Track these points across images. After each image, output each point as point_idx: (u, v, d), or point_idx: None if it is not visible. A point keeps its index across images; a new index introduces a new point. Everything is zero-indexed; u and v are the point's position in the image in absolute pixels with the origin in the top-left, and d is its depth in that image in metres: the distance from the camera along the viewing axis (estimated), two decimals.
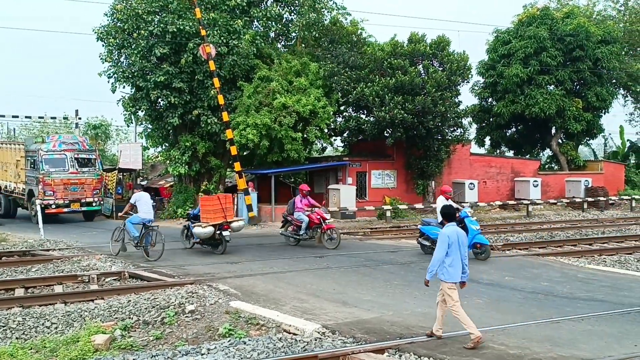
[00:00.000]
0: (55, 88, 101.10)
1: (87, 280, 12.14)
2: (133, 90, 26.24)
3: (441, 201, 14.26)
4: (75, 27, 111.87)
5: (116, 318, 9.26)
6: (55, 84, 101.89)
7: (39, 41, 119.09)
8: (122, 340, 8.30)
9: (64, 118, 47.03)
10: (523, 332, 8.12)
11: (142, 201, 15.07)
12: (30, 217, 24.74)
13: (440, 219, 12.56)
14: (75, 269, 13.47)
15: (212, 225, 15.25)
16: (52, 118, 47.68)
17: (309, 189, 18.10)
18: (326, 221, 16.79)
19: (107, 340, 8.13)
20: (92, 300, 10.45)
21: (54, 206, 23.89)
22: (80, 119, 43.95)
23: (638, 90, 33.76)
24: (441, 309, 7.85)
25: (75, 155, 24.71)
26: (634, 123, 39.54)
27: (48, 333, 8.74)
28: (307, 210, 16.86)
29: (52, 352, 7.92)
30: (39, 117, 46.82)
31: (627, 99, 38.48)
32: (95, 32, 25.41)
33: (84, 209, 24.91)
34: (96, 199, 25.02)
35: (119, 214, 20.58)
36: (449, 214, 8.20)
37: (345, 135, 29.59)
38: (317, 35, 27.76)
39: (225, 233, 15.37)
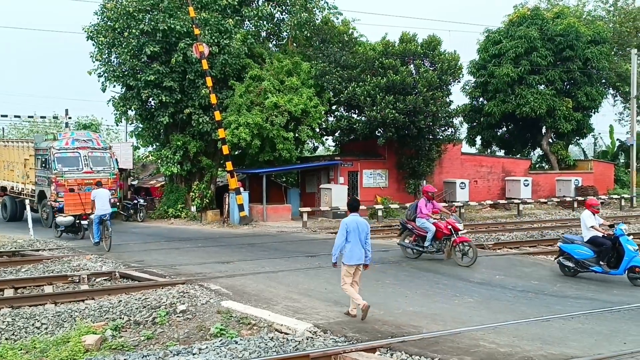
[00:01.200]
0: (45, 87, 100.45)
1: (77, 281, 12.08)
2: (123, 89, 26.10)
3: (587, 215, 12.33)
4: (65, 26, 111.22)
5: (107, 318, 9.21)
6: (44, 83, 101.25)
7: (29, 40, 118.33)
8: (112, 341, 8.26)
9: (54, 117, 46.70)
10: (514, 330, 8.16)
11: (99, 197, 16.69)
12: (41, 220, 23.03)
13: (587, 235, 11.97)
14: (65, 269, 13.39)
15: (72, 216, 19.10)
16: (41, 117, 47.31)
17: (435, 190, 15.44)
18: (459, 232, 13.68)
19: (97, 340, 8.08)
20: (83, 301, 10.39)
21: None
22: (70, 118, 43.68)
23: (627, 90, 33.99)
24: (354, 289, 9.04)
25: (89, 153, 22.96)
26: (623, 123, 39.87)
27: (38, 333, 8.69)
28: (434, 218, 14.02)
29: (42, 353, 7.87)
30: (29, 117, 46.43)
31: (616, 98, 38.80)
32: (85, 31, 25.26)
33: None
34: (112, 200, 22.35)
35: (54, 212, 21.02)
36: (352, 206, 9.65)
37: (336, 134, 29.62)
38: (308, 34, 27.77)
39: (83, 222, 18.75)
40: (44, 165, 22.77)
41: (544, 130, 34.57)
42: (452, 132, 28.04)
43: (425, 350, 7.27)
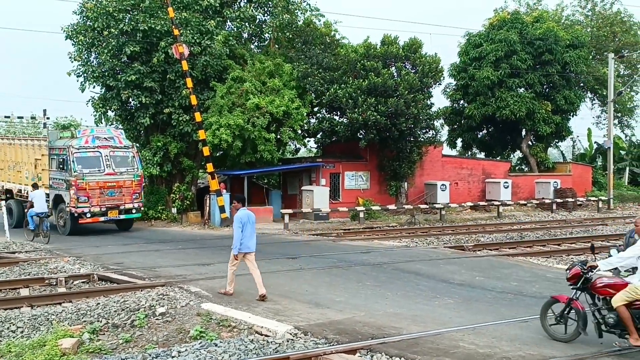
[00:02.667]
0: (22, 87, 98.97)
1: (54, 283, 11.90)
2: (103, 89, 25.80)
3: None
4: (43, 25, 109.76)
5: (84, 321, 9.08)
6: (22, 83, 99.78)
7: (4, 38, 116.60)
8: (90, 344, 8.14)
9: (32, 118, 46.08)
10: (493, 331, 8.22)
11: (37, 198, 18.60)
12: (57, 228, 20.83)
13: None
14: (42, 271, 13.19)
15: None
16: (19, 118, 46.68)
17: None
18: None
19: (74, 344, 7.96)
20: (60, 304, 10.24)
21: (89, 215, 19.83)
22: (48, 118, 43.11)
23: (604, 93, 34.54)
24: (232, 272, 10.61)
25: (111, 153, 20.74)
26: (600, 126, 40.54)
27: (13, 337, 8.54)
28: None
29: (18, 357, 7.73)
30: (5, 117, 45.77)
31: (594, 102, 39.40)
32: (64, 31, 24.93)
33: (122, 216, 20.83)
34: (136, 205, 21.08)
35: (25, 210, 20.31)
36: (242, 200, 11.10)
37: (318, 136, 29.64)
38: (290, 36, 27.75)
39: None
40: (61, 166, 20.33)
41: (523, 133, 34.97)
42: (433, 134, 28.24)
43: (405, 351, 7.29)
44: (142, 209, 22.15)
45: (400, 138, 26.38)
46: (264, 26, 27.80)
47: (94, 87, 25.64)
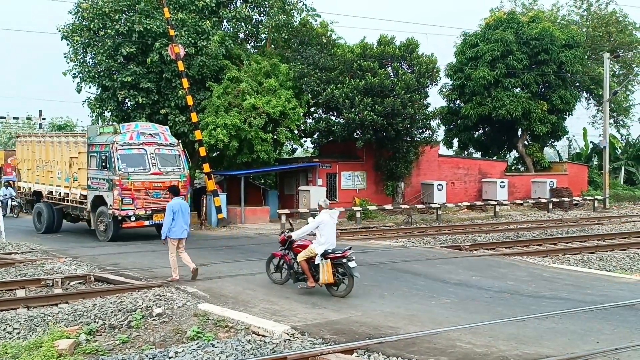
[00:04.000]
0: (18, 88, 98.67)
1: (51, 284, 11.86)
2: (99, 90, 25.75)
3: None
4: (38, 25, 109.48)
5: (81, 322, 9.07)
6: (17, 84, 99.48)
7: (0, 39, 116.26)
8: (87, 345, 8.13)
9: (27, 118, 45.97)
10: (490, 330, 8.24)
11: None
12: (96, 233, 19.16)
13: None
14: (38, 272, 13.16)
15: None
16: (14, 118, 46.56)
17: None
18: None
19: (71, 345, 7.95)
20: (56, 305, 10.20)
21: (133, 218, 18.12)
22: (44, 119, 43.03)
23: (600, 93, 34.63)
24: (183, 257, 11.88)
25: (156, 150, 19.12)
26: (596, 125, 40.60)
27: (10, 338, 8.52)
28: None
29: (15, 358, 7.72)
30: (1, 117, 45.63)
31: (589, 102, 39.49)
32: (60, 31, 24.87)
33: None
34: None
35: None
36: (174, 191, 12.27)
37: (315, 136, 29.64)
38: (286, 36, 27.76)
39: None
40: (103, 164, 18.55)
41: (519, 133, 35.04)
42: (429, 134, 28.26)
43: (402, 351, 7.30)
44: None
45: (397, 138, 26.41)
46: (260, 26, 27.81)
47: (90, 87, 25.61)
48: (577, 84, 35.33)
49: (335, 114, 28.09)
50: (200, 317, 9.09)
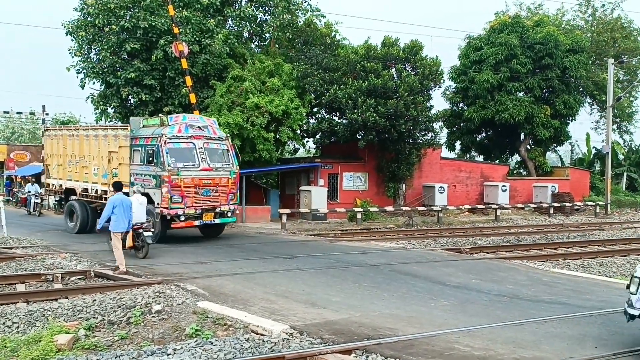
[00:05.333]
0: (21, 83, 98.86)
1: (51, 279, 11.89)
2: (103, 86, 25.80)
3: None
4: (42, 21, 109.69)
5: (80, 318, 9.09)
6: (21, 79, 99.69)
7: (4, 34, 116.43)
8: (85, 340, 8.15)
9: (31, 113, 45.98)
10: (488, 333, 8.23)
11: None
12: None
13: None
14: (39, 267, 13.19)
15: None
16: (18, 113, 46.62)
17: None
18: None
19: (70, 340, 7.97)
20: (56, 300, 10.22)
21: (183, 218, 16.68)
22: (47, 114, 43.00)
23: (604, 99, 34.60)
24: (117, 252, 12.48)
25: (205, 145, 17.67)
26: (599, 131, 40.58)
27: (9, 333, 8.53)
28: None
29: (13, 352, 7.73)
30: (4, 112, 45.68)
31: (593, 107, 39.48)
32: (64, 27, 24.92)
33: (217, 220, 17.69)
34: (232, 207, 17.94)
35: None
36: (117, 186, 13.19)
37: (317, 136, 29.66)
38: (291, 36, 27.77)
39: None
40: (150, 159, 17.09)
41: (522, 137, 35.01)
42: (432, 136, 28.26)
43: (400, 352, 7.30)
44: (237, 212, 18.96)
45: (399, 140, 26.41)
46: (264, 26, 27.81)
47: (93, 83, 25.65)
48: (581, 89, 35.30)
49: (338, 114, 28.11)
50: (199, 314, 9.10)
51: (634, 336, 8.13)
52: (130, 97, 25.22)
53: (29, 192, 27.57)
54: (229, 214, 17.88)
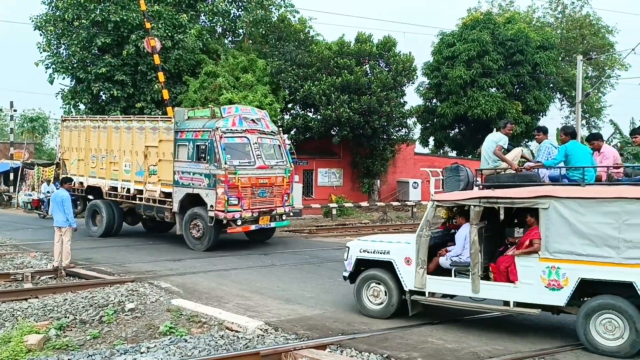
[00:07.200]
0: None
1: (20, 279, 11.66)
2: (73, 82, 25.36)
3: None
4: (8, 14, 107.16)
5: (51, 317, 8.94)
6: None
7: None
8: (57, 340, 8.03)
9: None
10: (461, 327, 8.35)
11: None
12: (186, 240, 15.54)
13: None
14: (7, 266, 12.92)
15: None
16: None
17: None
18: None
19: (40, 340, 7.84)
20: (26, 299, 10.04)
21: (240, 222, 14.84)
22: (15, 111, 42.02)
23: (573, 94, 35.23)
24: (57, 248, 12.52)
25: (259, 140, 15.71)
26: None
27: None
28: None
29: None
30: None
31: (563, 103, 40.19)
32: (32, 21, 24.42)
33: (273, 224, 16.05)
34: (287, 209, 16.32)
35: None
36: (66, 180, 13.88)
37: (292, 133, 29.58)
38: (264, 32, 27.67)
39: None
40: (201, 155, 15.00)
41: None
42: (405, 132, 28.49)
43: (374, 346, 7.36)
44: (291, 213, 17.38)
45: (374, 135, 26.54)
46: (237, 21, 27.67)
47: (63, 78, 25.27)
48: (551, 85, 35.88)
49: (312, 110, 28.12)
50: (174, 312, 9.03)
51: None
52: (101, 93, 24.87)
53: (48, 192, 23.79)
54: (284, 217, 16.37)
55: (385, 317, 8.63)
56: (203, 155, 14.95)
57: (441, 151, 38.54)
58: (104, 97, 25.37)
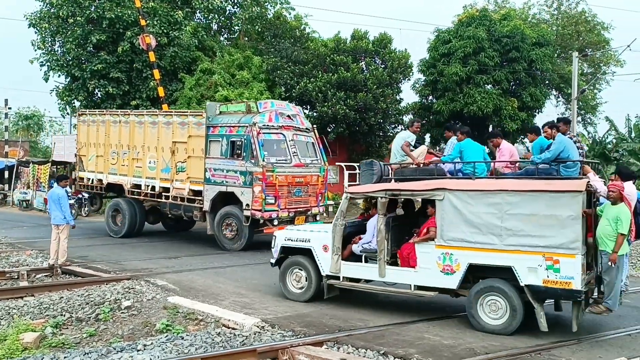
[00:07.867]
0: None
1: (16, 277, 11.62)
2: (68, 79, 25.26)
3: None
4: (8, 14, 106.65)
5: (47, 315, 8.92)
6: None
7: None
8: (53, 338, 8.00)
9: None
10: (458, 323, 8.37)
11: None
12: (218, 241, 15.14)
13: None
14: (3, 264, 12.88)
15: None
16: None
17: None
18: None
19: (36, 338, 7.82)
20: (22, 297, 10.00)
21: (276, 222, 14.08)
22: (10, 108, 41.88)
23: (569, 91, 35.28)
24: (54, 246, 12.33)
25: (294, 136, 15.16)
26: None
27: None
28: None
29: None
30: None
31: (559, 99, 40.19)
32: (27, 18, 24.30)
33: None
34: (321, 209, 15.88)
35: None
36: (62, 178, 13.27)
37: None
38: (260, 29, 27.61)
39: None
40: (237, 151, 14.36)
41: (490, 129, 35.47)
42: (402, 129, 28.46)
43: (371, 343, 7.37)
44: (325, 214, 16.63)
45: (370, 132, 26.53)
46: (233, 18, 27.63)
47: (58, 76, 25.14)
48: (547, 82, 35.88)
49: (308, 107, 28.06)
50: (170, 310, 9.02)
51: None
52: (96, 90, 24.79)
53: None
54: (317, 217, 15.81)
55: (305, 300, 9.42)
56: (239, 151, 14.32)
57: (437, 148, 38.55)
58: (99, 95, 25.29)
